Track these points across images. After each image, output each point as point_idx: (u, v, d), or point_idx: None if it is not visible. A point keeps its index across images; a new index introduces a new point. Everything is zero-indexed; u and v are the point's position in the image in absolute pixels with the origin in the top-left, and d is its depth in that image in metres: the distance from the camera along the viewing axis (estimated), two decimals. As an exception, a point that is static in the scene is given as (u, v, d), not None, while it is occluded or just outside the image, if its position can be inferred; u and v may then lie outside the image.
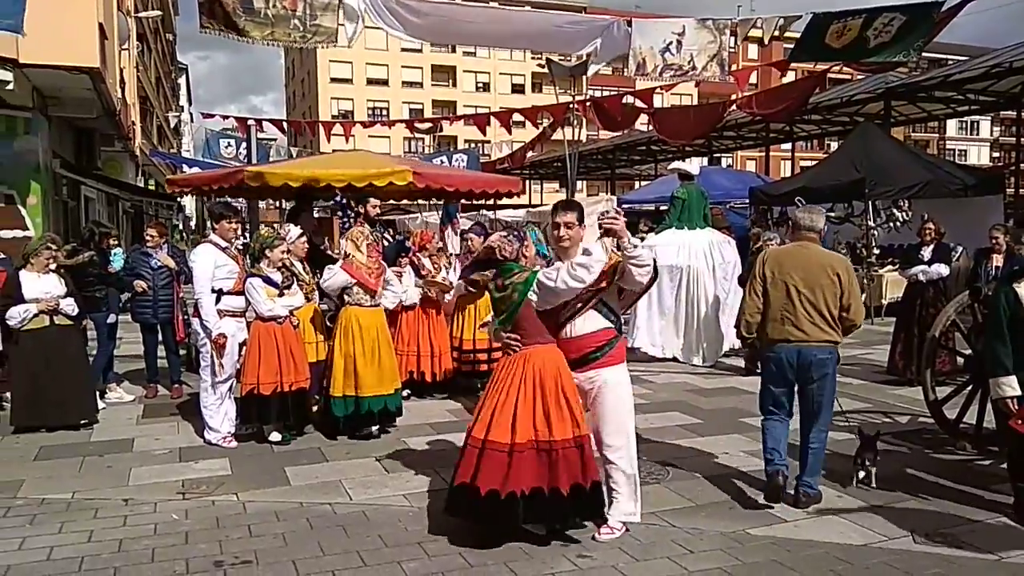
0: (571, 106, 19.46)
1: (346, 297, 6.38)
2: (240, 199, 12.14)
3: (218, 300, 6.19)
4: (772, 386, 4.93)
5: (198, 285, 6.17)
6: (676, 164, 11.01)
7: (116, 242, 8.82)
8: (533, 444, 4.08)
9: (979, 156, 71.96)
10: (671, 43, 9.59)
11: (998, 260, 7.64)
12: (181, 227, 39.53)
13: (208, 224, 6.56)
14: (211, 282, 6.14)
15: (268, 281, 6.18)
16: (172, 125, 40.21)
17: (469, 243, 8.14)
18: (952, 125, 67.67)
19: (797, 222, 5.14)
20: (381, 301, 6.54)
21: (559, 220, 4.28)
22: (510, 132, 22.80)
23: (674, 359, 9.66)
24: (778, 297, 4.83)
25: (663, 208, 18.77)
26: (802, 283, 4.76)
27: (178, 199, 27.33)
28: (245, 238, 9.22)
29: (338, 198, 8.65)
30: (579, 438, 4.12)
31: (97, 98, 13.35)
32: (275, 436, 6.18)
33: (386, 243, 7.90)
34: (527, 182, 34.92)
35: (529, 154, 26.45)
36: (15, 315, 6.47)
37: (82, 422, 6.69)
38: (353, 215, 8.36)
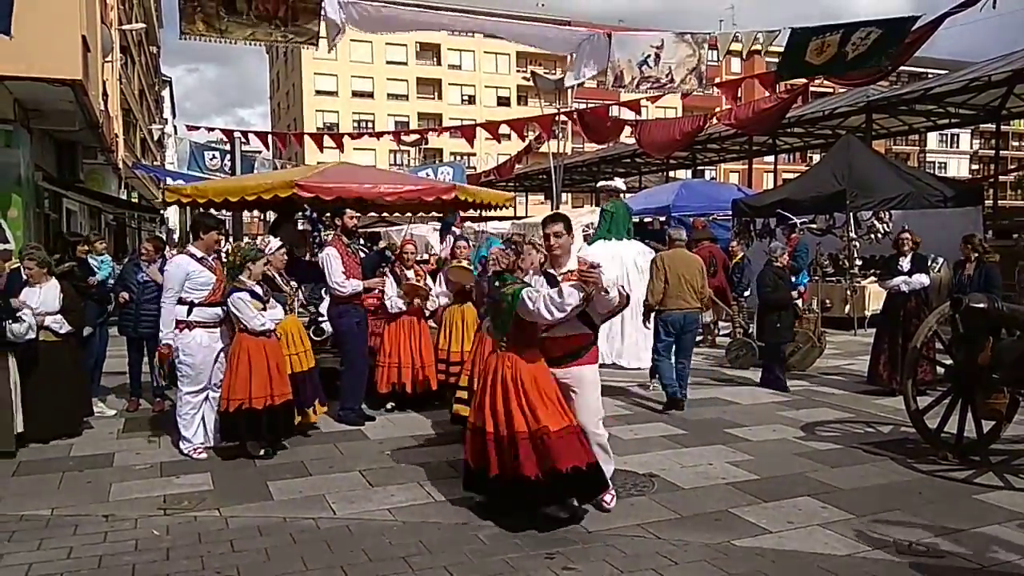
0: (556, 118, 19.58)
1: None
2: (223, 210, 12.08)
3: (190, 311, 6.17)
4: (666, 336, 7.90)
5: (165, 294, 6.21)
6: (603, 183, 11.98)
7: (103, 245, 8.73)
8: (527, 434, 4.53)
9: (959, 168, 72.73)
10: (649, 56, 9.73)
11: (969, 269, 8.31)
12: (165, 239, 39.26)
13: (191, 235, 6.55)
14: (178, 293, 6.14)
15: (253, 294, 6.15)
16: (156, 138, 40.00)
17: (459, 252, 8.16)
18: (932, 138, 68.38)
19: (671, 236, 8.46)
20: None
21: (549, 231, 4.79)
22: (499, 141, 22.86)
23: (614, 364, 9.73)
24: (674, 282, 7.79)
25: (646, 220, 18.90)
26: (686, 273, 7.83)
27: (161, 211, 27.18)
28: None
29: (307, 211, 8.66)
30: (571, 427, 4.60)
31: (80, 110, 13.29)
32: (258, 451, 6.13)
33: (363, 254, 7.88)
34: (513, 194, 35.03)
35: (516, 166, 26.56)
36: None
37: (55, 438, 6.61)
38: (336, 227, 8.35)
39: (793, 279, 9.20)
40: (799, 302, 9.23)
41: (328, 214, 8.55)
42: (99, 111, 14.92)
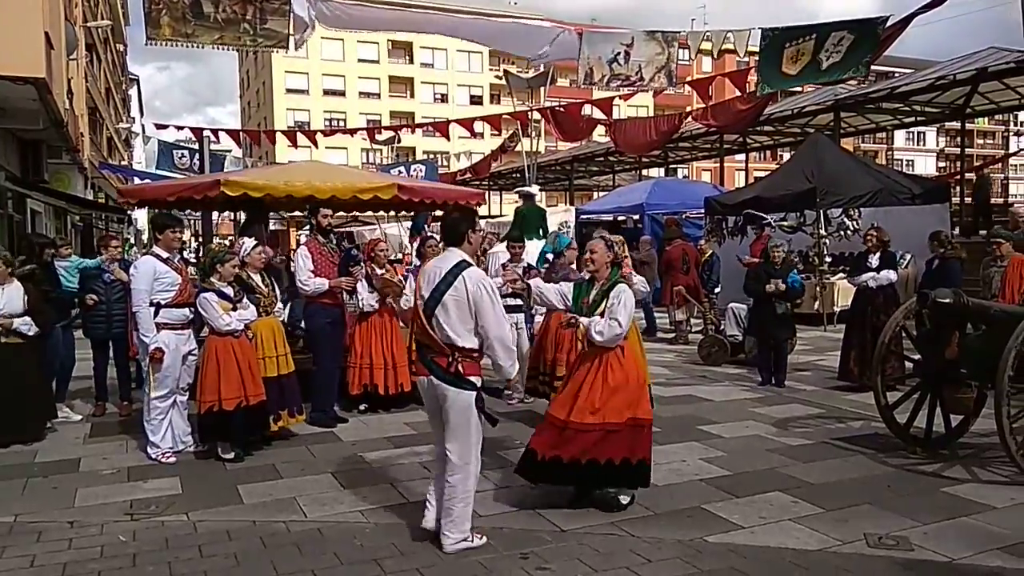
0: (529, 114, 19.59)
1: None
2: (192, 211, 11.92)
3: (157, 313, 6.06)
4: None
5: (136, 298, 6.06)
6: (520, 188, 13.12)
7: (69, 251, 8.55)
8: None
9: (926, 166, 73.89)
10: (619, 54, 9.79)
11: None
12: (132, 240, 38.73)
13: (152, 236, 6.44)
14: (149, 295, 6.03)
15: (221, 295, 6.06)
16: (123, 137, 39.43)
17: (428, 252, 8.10)
18: (900, 136, 69.48)
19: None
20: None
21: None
22: (474, 136, 22.83)
23: None
24: None
25: (620, 219, 18.92)
26: None
27: (129, 212, 26.77)
28: (197, 252, 9.09)
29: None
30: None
31: (43, 109, 13.03)
32: (228, 454, 6.04)
33: (343, 253, 7.81)
34: (487, 193, 34.98)
35: (493, 165, 26.55)
36: None
37: (19, 442, 6.47)
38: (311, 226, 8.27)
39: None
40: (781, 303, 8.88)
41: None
42: (64, 109, 14.64)
